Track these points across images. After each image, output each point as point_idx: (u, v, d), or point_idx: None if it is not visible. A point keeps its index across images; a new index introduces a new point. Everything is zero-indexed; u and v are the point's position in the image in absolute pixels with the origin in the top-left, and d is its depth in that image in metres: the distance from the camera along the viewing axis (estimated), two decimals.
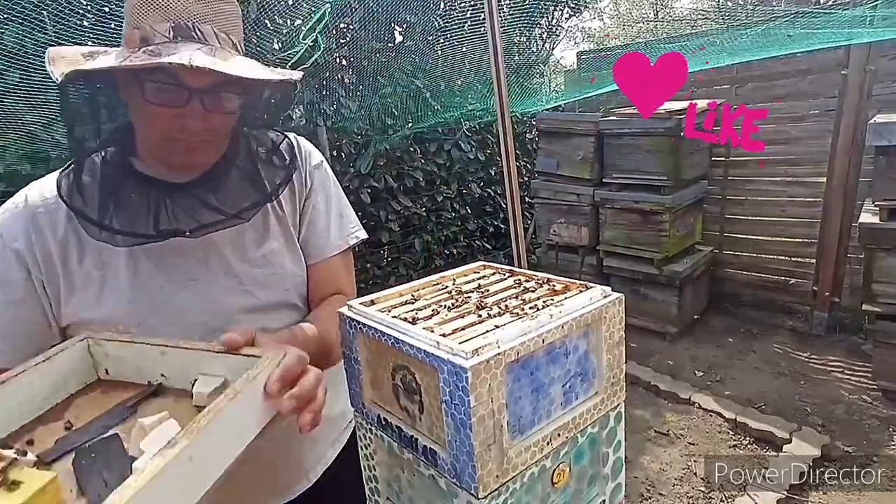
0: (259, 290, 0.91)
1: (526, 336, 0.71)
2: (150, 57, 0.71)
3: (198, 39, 0.76)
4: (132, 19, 0.74)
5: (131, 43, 0.74)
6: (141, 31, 0.73)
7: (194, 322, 0.85)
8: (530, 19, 4.46)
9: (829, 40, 3.16)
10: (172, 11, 0.74)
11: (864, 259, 2.98)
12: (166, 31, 0.74)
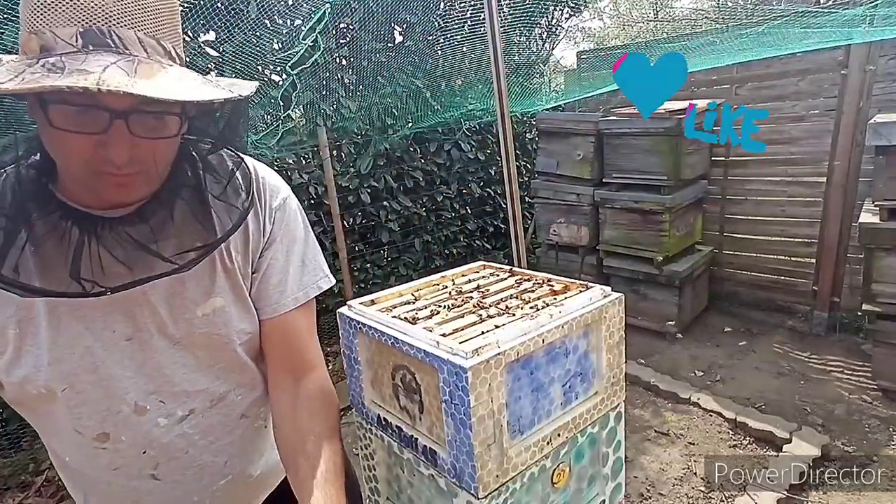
0: (200, 352, 0.82)
1: (526, 336, 0.71)
2: (46, 73, 0.55)
3: (114, 48, 0.60)
4: (29, 22, 0.59)
5: (29, 51, 0.60)
6: (40, 37, 0.59)
7: (127, 386, 0.77)
8: (530, 19, 4.46)
9: (829, 40, 3.16)
10: (81, 12, 0.59)
11: (863, 259, 2.97)
12: (72, 38, 0.59)
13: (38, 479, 2.65)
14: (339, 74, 3.82)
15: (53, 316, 0.72)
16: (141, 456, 0.82)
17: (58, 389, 0.74)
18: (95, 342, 0.74)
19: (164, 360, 0.79)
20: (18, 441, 2.80)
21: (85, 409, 0.76)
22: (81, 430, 0.77)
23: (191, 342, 0.81)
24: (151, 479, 0.85)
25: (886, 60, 3.29)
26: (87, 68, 0.56)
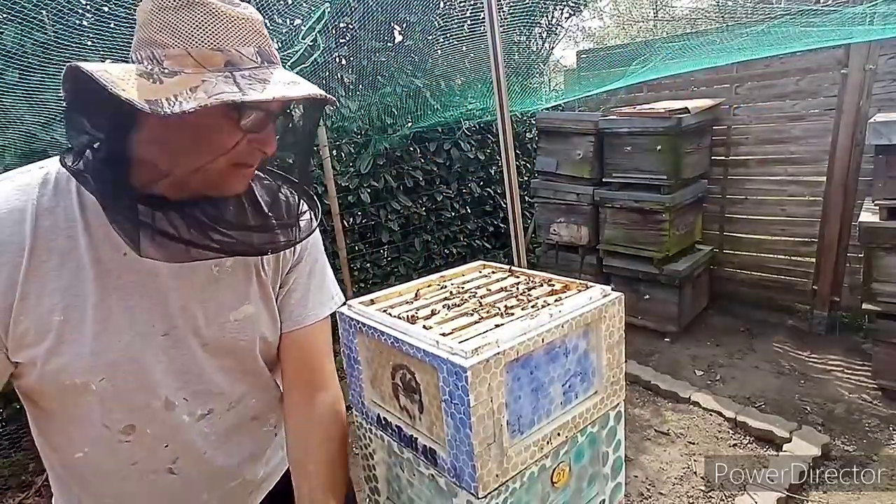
0: (226, 355, 0.86)
1: (525, 335, 0.71)
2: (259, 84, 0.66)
3: (275, 62, 0.72)
4: (207, 38, 0.66)
5: (210, 64, 0.66)
6: (225, 54, 0.67)
7: (160, 380, 0.80)
8: (530, 18, 4.46)
9: (829, 39, 3.16)
10: (253, 34, 0.70)
11: (863, 258, 2.97)
12: (254, 56, 0.69)
13: (38, 479, 2.65)
14: (338, 74, 3.82)
15: (103, 306, 0.74)
16: (163, 449, 0.84)
17: (94, 380, 0.75)
18: (136, 335, 0.77)
19: (193, 359, 0.83)
20: (18, 441, 2.80)
21: (117, 401, 0.78)
22: (109, 423, 0.79)
23: (219, 345, 0.85)
24: (169, 473, 0.87)
25: (886, 59, 3.29)
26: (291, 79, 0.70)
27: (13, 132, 2.52)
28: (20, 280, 0.69)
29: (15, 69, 2.30)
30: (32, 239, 0.70)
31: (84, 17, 2.52)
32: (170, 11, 0.66)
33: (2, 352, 0.72)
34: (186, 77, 0.65)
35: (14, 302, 0.70)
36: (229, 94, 0.63)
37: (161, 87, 0.63)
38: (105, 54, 2.60)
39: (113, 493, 0.86)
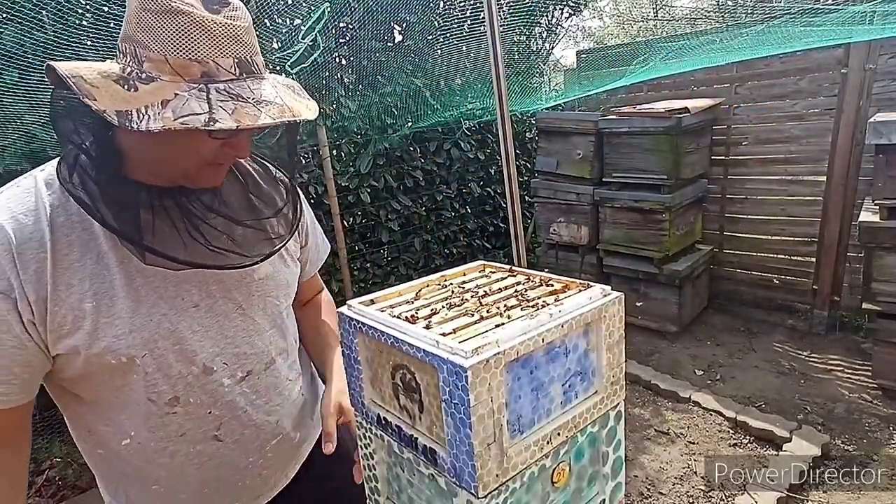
0: (257, 313, 0.92)
1: (526, 335, 0.71)
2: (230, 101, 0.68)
3: (256, 73, 0.73)
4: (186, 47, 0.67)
5: (186, 74, 0.68)
6: (203, 65, 0.68)
7: (196, 349, 0.85)
8: (530, 18, 4.46)
9: (829, 38, 3.16)
10: (234, 45, 0.70)
11: (863, 258, 2.97)
12: (231, 68, 0.70)
13: (38, 479, 2.65)
14: (338, 74, 3.82)
15: (131, 287, 0.78)
16: (206, 417, 0.88)
17: (138, 356, 0.79)
18: (170, 310, 0.81)
19: (228, 323, 0.88)
20: None
21: (160, 374, 0.82)
22: (155, 397, 0.82)
23: (250, 305, 0.90)
24: (214, 440, 0.90)
25: (886, 59, 3.29)
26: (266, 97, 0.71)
27: (13, 132, 2.52)
28: (48, 274, 0.73)
29: (15, 69, 2.30)
30: (51, 235, 0.73)
31: (84, 17, 2.52)
32: (153, 14, 0.67)
33: (41, 349, 0.75)
34: (161, 85, 0.66)
35: (47, 295, 0.73)
36: (196, 117, 0.65)
37: (134, 95, 0.65)
38: (105, 54, 2.60)
39: (162, 475, 0.88)
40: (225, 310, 0.87)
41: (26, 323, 0.73)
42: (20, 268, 0.71)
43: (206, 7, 0.69)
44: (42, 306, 0.73)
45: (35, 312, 0.73)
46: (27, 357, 0.75)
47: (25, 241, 0.72)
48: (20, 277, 0.71)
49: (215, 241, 0.79)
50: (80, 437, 0.89)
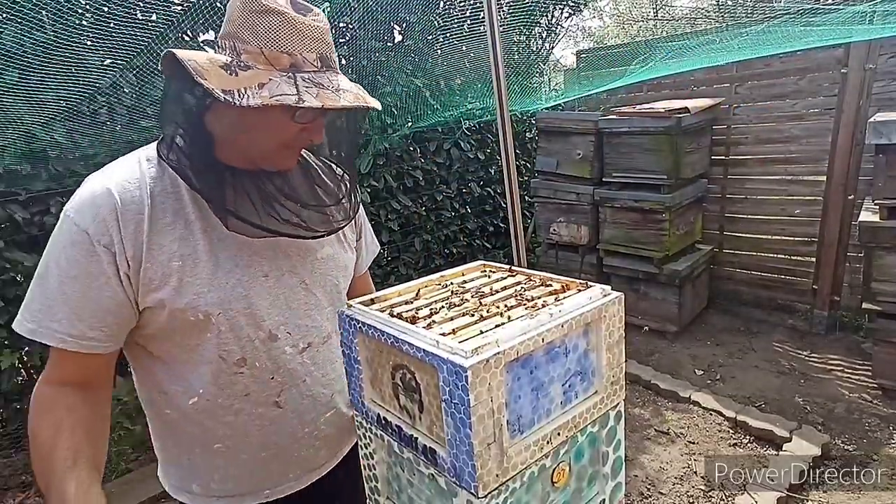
0: (319, 290, 1.01)
1: (526, 335, 0.71)
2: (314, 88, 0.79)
3: (334, 68, 0.84)
4: (278, 42, 0.79)
5: (277, 64, 0.80)
6: (292, 57, 0.80)
7: (264, 315, 0.93)
8: (530, 18, 4.46)
9: (829, 38, 3.16)
10: (318, 42, 0.82)
11: (863, 257, 2.98)
12: (315, 61, 0.82)
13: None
14: None
15: (212, 253, 0.88)
16: (270, 382, 0.96)
17: (213, 314, 0.88)
18: (243, 276, 0.90)
19: (293, 295, 0.96)
20: (19, 441, 2.80)
21: (231, 334, 0.90)
22: (225, 355, 0.91)
23: (314, 281, 0.99)
24: (275, 406, 0.97)
25: (886, 59, 3.29)
26: (343, 87, 0.82)
27: (13, 132, 2.52)
28: (144, 234, 0.83)
29: (15, 69, 2.30)
30: (150, 201, 0.84)
31: (84, 17, 2.52)
32: (253, 14, 0.80)
33: (132, 302, 0.85)
34: (257, 73, 0.79)
35: (142, 253, 0.83)
36: (288, 96, 0.77)
37: (236, 79, 0.78)
38: (105, 54, 2.60)
39: (226, 433, 0.95)
40: (290, 283, 0.96)
41: (122, 276, 0.83)
42: (122, 226, 0.82)
43: (296, 10, 0.81)
44: (137, 262, 0.83)
45: (130, 267, 0.83)
46: (119, 308, 0.84)
47: (128, 204, 0.82)
48: (121, 234, 0.81)
49: (286, 216, 0.89)
50: (150, 400, 0.97)
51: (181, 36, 2.98)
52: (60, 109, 2.58)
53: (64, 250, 0.81)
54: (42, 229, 2.71)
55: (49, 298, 0.82)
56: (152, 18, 2.76)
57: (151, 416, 1.00)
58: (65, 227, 0.82)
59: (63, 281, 0.81)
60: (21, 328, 0.83)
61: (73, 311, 0.81)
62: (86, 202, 0.82)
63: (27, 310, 0.83)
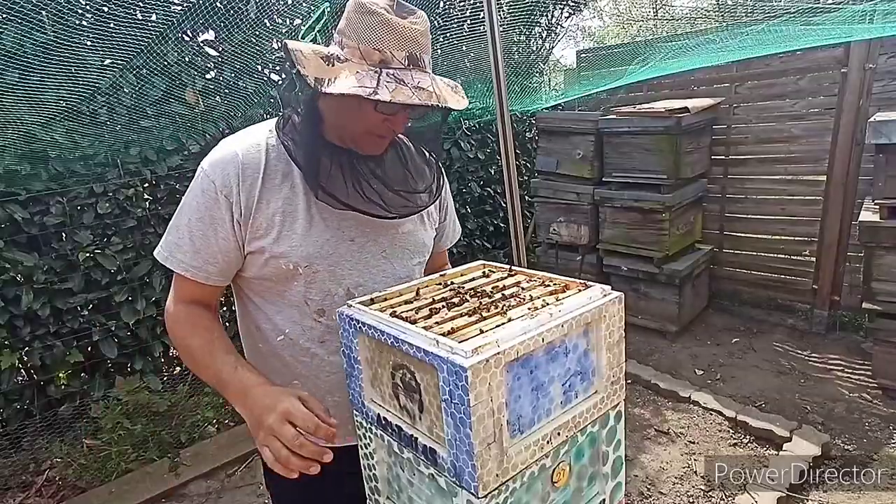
0: (396, 261, 1.10)
1: (526, 335, 0.71)
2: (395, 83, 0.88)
3: (422, 67, 0.92)
4: (372, 39, 0.89)
5: (369, 59, 0.89)
6: (382, 54, 0.89)
7: (345, 274, 1.04)
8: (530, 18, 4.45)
9: (830, 37, 3.16)
10: (408, 41, 0.90)
11: (864, 257, 2.97)
12: (403, 59, 0.90)
13: (38, 479, 2.65)
14: None
15: (309, 214, 1.00)
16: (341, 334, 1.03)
17: (302, 266, 1.00)
18: (332, 238, 1.02)
19: (372, 261, 1.07)
20: (19, 441, 2.80)
21: (315, 286, 1.02)
22: (309, 302, 1.03)
23: (393, 252, 1.09)
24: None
25: (886, 58, 3.29)
26: (422, 85, 0.90)
27: (13, 132, 2.52)
28: (257, 190, 0.98)
29: (15, 69, 2.30)
30: (265, 163, 0.99)
31: (84, 17, 2.52)
32: (356, 13, 0.91)
33: (239, 246, 1.00)
34: (350, 65, 0.90)
35: (253, 205, 0.98)
36: (365, 88, 0.86)
37: (330, 69, 0.89)
38: (105, 54, 2.60)
39: (302, 372, 1.06)
40: (372, 251, 1.06)
41: (235, 223, 0.98)
42: (241, 182, 0.97)
43: (397, 13, 0.91)
44: (248, 211, 0.98)
45: (243, 215, 0.98)
46: (229, 249, 0.99)
47: (248, 165, 0.98)
48: (239, 188, 0.97)
49: (369, 195, 0.99)
50: (247, 334, 1.11)
51: (181, 36, 2.98)
52: (60, 109, 2.58)
53: (196, 196, 0.99)
54: (42, 229, 2.71)
55: (180, 234, 1.00)
56: (152, 18, 2.76)
57: (247, 347, 1.13)
58: (199, 178, 0.99)
59: (191, 220, 0.98)
60: (158, 255, 1.02)
61: (196, 247, 0.99)
62: (217, 159, 0.99)
63: (164, 241, 1.02)
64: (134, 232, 2.96)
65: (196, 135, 3.13)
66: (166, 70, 2.87)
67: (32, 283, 2.66)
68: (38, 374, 2.82)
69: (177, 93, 2.95)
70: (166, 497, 2.59)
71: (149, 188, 3.06)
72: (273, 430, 0.83)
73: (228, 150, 1.00)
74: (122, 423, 2.79)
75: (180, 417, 2.99)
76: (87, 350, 2.95)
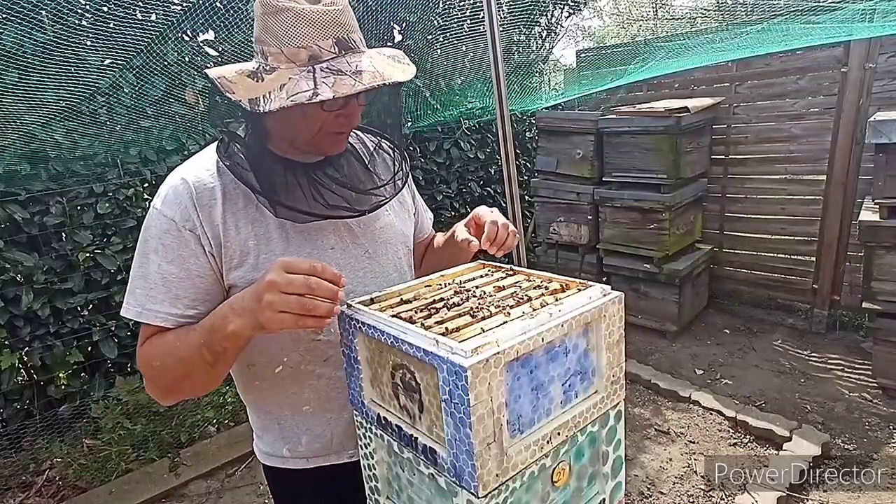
0: (381, 258, 1.06)
1: (525, 335, 0.71)
2: (332, 76, 0.82)
3: (354, 48, 0.86)
4: (293, 38, 0.83)
5: (296, 59, 0.83)
6: (308, 50, 0.83)
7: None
8: (530, 18, 4.45)
9: (829, 36, 3.16)
10: (332, 27, 0.84)
11: (863, 257, 2.97)
12: (332, 48, 0.84)
13: (38, 479, 2.65)
14: None
15: (283, 230, 0.95)
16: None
17: None
18: (313, 250, 0.97)
19: (358, 265, 1.02)
20: (18, 441, 2.80)
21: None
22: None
23: (376, 250, 1.05)
24: None
25: (886, 58, 3.29)
26: (361, 68, 0.83)
27: (13, 132, 2.52)
28: (219, 217, 0.91)
29: (15, 69, 2.30)
30: (222, 188, 0.92)
31: (84, 17, 2.52)
32: (268, 16, 0.84)
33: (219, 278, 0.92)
34: (280, 73, 0.83)
35: (220, 233, 0.91)
36: (303, 93, 0.80)
37: (261, 85, 0.83)
38: (105, 54, 2.59)
39: (311, 397, 1.01)
40: (356, 253, 1.02)
41: (208, 254, 0.91)
42: (199, 211, 0.90)
43: (307, 0, 0.84)
44: (217, 241, 0.91)
45: (213, 245, 0.90)
46: (211, 284, 0.92)
47: (201, 191, 0.90)
48: (200, 218, 0.89)
49: (332, 201, 0.95)
50: (241, 376, 1.04)
51: (181, 36, 2.98)
52: (60, 109, 2.58)
53: (159, 239, 0.90)
54: (42, 229, 2.71)
55: (150, 284, 0.90)
56: (151, 18, 2.76)
57: (243, 389, 1.07)
58: (154, 219, 0.91)
59: (161, 265, 0.89)
60: (128, 313, 0.91)
61: (173, 293, 0.89)
62: (168, 194, 0.91)
63: (132, 296, 0.91)
64: (134, 232, 2.96)
65: (196, 135, 3.14)
66: (166, 70, 2.87)
67: (32, 283, 2.66)
68: (38, 374, 2.82)
69: (177, 93, 2.95)
70: (166, 497, 2.60)
71: (149, 188, 3.06)
72: (277, 285, 0.76)
73: (177, 181, 0.92)
74: (122, 423, 2.79)
75: (180, 417, 2.99)
76: (87, 350, 2.95)
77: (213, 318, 0.85)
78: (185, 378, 0.90)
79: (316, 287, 0.76)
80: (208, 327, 0.85)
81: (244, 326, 0.80)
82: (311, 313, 0.76)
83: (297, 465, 1.06)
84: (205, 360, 0.85)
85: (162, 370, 0.90)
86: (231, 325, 0.81)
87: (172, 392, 0.96)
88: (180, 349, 0.87)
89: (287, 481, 1.08)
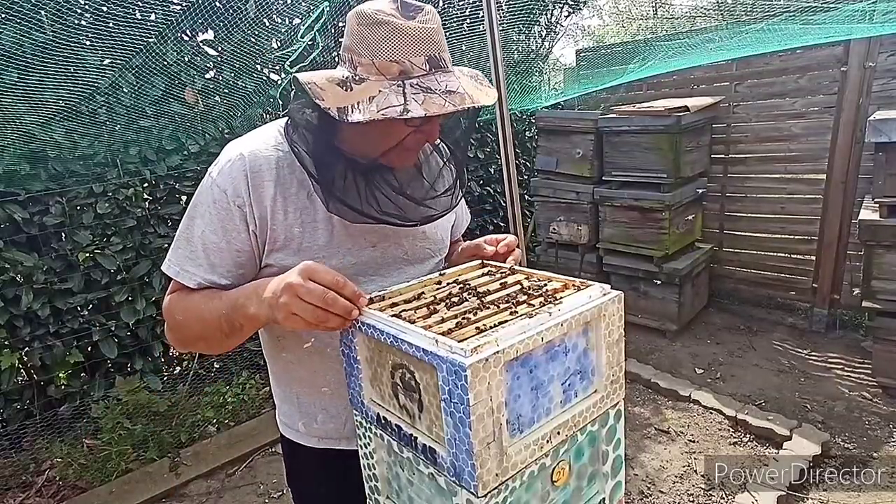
0: (418, 263, 1.09)
1: (525, 334, 0.71)
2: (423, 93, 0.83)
3: (443, 68, 0.87)
4: (387, 52, 0.84)
5: (387, 73, 0.84)
6: (400, 65, 0.84)
7: (367, 281, 1.01)
8: (529, 17, 4.45)
9: (829, 35, 3.16)
10: (425, 45, 0.85)
11: (863, 256, 2.97)
12: (423, 65, 0.85)
13: (38, 479, 2.65)
14: None
15: (329, 223, 0.97)
16: None
17: None
18: (353, 245, 0.99)
19: (394, 265, 1.05)
20: (19, 441, 2.80)
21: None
22: None
23: (415, 254, 1.08)
24: None
25: (886, 57, 3.28)
26: (451, 88, 0.85)
27: (12, 132, 2.51)
28: (269, 199, 0.93)
29: (14, 69, 2.30)
30: (278, 170, 0.94)
31: (83, 17, 2.52)
32: (363, 27, 0.85)
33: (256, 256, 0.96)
34: (369, 85, 0.84)
35: (268, 215, 0.93)
36: (394, 108, 0.82)
37: (350, 94, 0.84)
38: (104, 54, 2.59)
39: (331, 379, 1.03)
40: (395, 255, 1.05)
41: (251, 233, 0.94)
42: (251, 189, 0.92)
43: (404, 15, 0.85)
44: (263, 222, 0.93)
45: (258, 225, 0.93)
46: (247, 260, 0.95)
47: (256, 171, 0.93)
48: (251, 197, 0.92)
49: (385, 207, 0.96)
50: (270, 344, 1.08)
51: (180, 35, 2.98)
52: (59, 109, 2.57)
53: (207, 208, 0.93)
54: (42, 229, 2.71)
55: (192, 247, 0.94)
56: (151, 18, 2.76)
57: (270, 358, 1.11)
58: (207, 187, 0.94)
59: (205, 233, 0.93)
60: (168, 270, 0.96)
61: (211, 262, 0.94)
62: (225, 167, 0.94)
63: (174, 253, 0.96)
64: (134, 232, 2.96)
65: (195, 135, 3.13)
66: (165, 70, 2.87)
67: (32, 283, 2.66)
68: (38, 374, 2.82)
69: (176, 92, 2.95)
70: (166, 497, 2.60)
71: (148, 188, 3.06)
72: (296, 290, 0.78)
73: (234, 155, 0.94)
74: (122, 423, 2.79)
75: (180, 417, 2.99)
76: (87, 350, 2.95)
77: (238, 294, 0.89)
78: (200, 338, 0.98)
79: (332, 303, 0.78)
80: (233, 301, 0.89)
81: (261, 313, 0.84)
82: (323, 324, 0.79)
83: (310, 443, 1.09)
84: (222, 329, 0.91)
85: (183, 324, 0.97)
86: (252, 308, 0.85)
87: (187, 345, 1.03)
88: (203, 312, 0.92)
89: (302, 456, 1.12)
